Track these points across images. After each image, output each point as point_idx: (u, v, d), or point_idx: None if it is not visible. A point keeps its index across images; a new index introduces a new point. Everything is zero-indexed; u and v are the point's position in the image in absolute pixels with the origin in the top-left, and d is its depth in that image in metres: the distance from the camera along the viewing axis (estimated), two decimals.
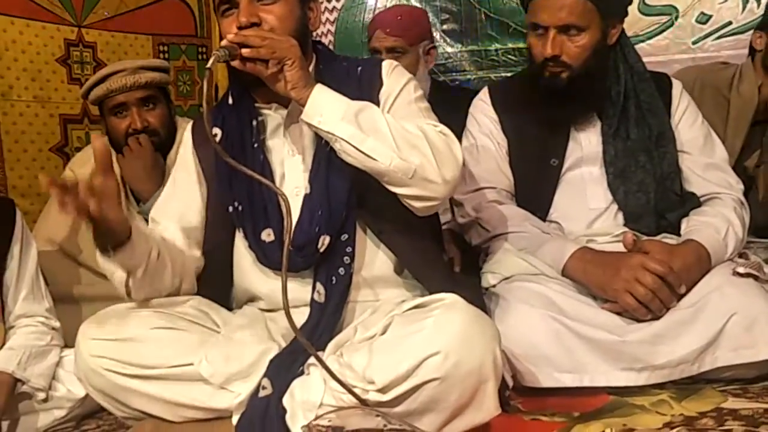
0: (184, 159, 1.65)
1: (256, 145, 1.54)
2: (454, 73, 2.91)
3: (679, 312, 1.64)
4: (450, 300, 1.35)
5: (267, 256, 1.51)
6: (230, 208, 1.54)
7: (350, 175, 1.47)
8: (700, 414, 1.50)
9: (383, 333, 1.36)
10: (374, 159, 1.40)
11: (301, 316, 1.48)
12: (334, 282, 1.48)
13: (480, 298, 1.67)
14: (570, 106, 1.88)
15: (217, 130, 1.56)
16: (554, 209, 1.91)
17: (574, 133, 1.92)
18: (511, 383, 1.60)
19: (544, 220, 1.90)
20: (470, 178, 1.94)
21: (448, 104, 2.05)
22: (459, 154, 1.47)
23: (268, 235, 1.50)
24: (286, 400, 1.33)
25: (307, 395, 1.31)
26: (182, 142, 1.68)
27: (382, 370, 1.28)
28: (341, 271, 1.49)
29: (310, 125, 1.43)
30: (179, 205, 1.61)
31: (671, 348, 1.61)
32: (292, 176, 1.55)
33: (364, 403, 1.27)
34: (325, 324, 1.46)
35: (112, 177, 1.27)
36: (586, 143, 1.91)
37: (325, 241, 1.47)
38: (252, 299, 1.59)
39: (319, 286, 1.49)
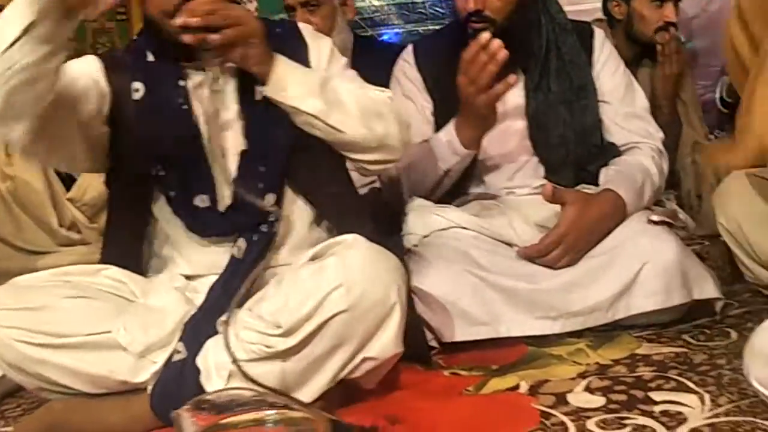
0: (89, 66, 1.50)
1: (185, 107, 1.46)
2: (381, 27, 2.89)
3: (593, 260, 1.66)
4: (351, 238, 1.37)
5: (202, 223, 1.47)
6: (153, 172, 1.46)
7: (291, 131, 1.46)
8: (614, 361, 1.53)
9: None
10: (340, 131, 1.44)
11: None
12: (255, 239, 1.45)
13: (403, 258, 1.68)
14: None
15: (138, 85, 1.47)
16: (477, 163, 1.91)
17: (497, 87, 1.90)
18: (433, 341, 1.63)
19: (467, 174, 1.90)
20: None
21: (372, 61, 2.02)
22: (405, 114, 1.55)
23: (202, 201, 1.46)
24: (199, 361, 1.32)
25: (220, 354, 1.31)
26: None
27: (287, 313, 1.30)
28: (264, 228, 1.46)
29: (272, 99, 1.43)
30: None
31: (585, 295, 1.64)
32: (221, 136, 1.48)
33: (276, 355, 1.28)
34: (240, 279, 1.42)
35: None
36: (510, 97, 1.89)
37: (270, 198, 1.46)
38: (172, 265, 1.56)
39: (240, 241, 1.46)
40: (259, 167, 1.46)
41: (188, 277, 1.51)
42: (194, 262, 1.51)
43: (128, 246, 1.55)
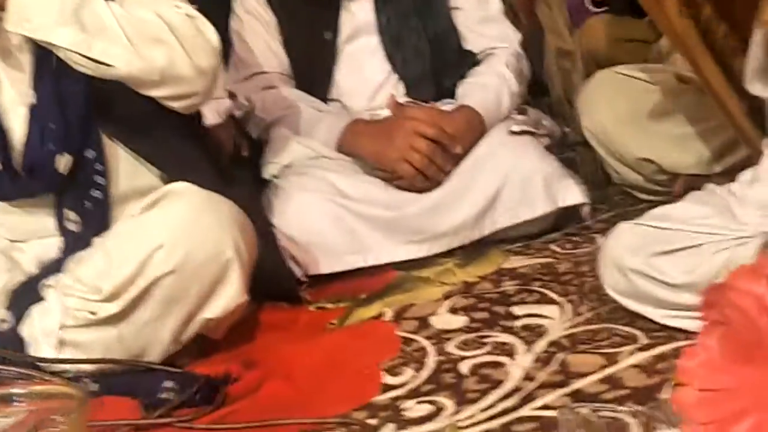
0: None
1: None
2: None
3: (454, 179, 1.60)
4: (180, 187, 1.24)
5: None
6: None
7: (86, 78, 1.25)
8: (480, 278, 1.49)
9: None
10: (108, 65, 1.19)
11: (50, 247, 1.32)
12: (89, 207, 1.31)
13: (255, 193, 1.60)
14: None
15: None
16: (334, 87, 1.80)
17: (345, 2, 1.79)
18: (301, 275, 1.55)
19: (325, 99, 1.79)
20: (241, 64, 1.80)
21: None
22: (213, 36, 1.29)
23: None
24: (24, 330, 1.21)
25: (45, 321, 1.20)
26: None
27: (108, 275, 1.18)
28: (95, 193, 1.31)
29: (22, 35, 1.21)
30: None
31: (450, 216, 1.58)
32: (9, 84, 1.29)
33: (104, 321, 1.18)
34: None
35: None
36: (360, 12, 1.79)
37: (63, 161, 1.27)
38: None
39: (70, 213, 1.31)
40: (50, 124, 1.27)
41: (13, 242, 1.38)
42: (12, 228, 1.35)
43: None
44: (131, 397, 1.18)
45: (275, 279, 1.46)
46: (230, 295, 1.23)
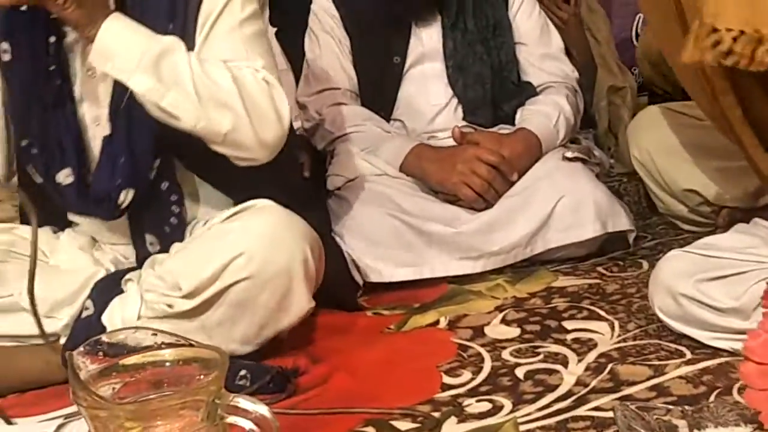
0: None
1: (53, 67, 1.33)
2: None
3: (510, 199, 1.69)
4: (261, 204, 1.33)
5: (66, 201, 1.37)
6: (22, 143, 1.37)
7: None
8: (531, 294, 1.58)
9: None
10: (175, 117, 1.24)
11: (127, 252, 1.43)
12: (168, 232, 1.40)
13: (323, 209, 1.70)
14: (411, 1, 1.87)
15: (6, 46, 1.33)
16: (397, 107, 1.91)
17: (415, 29, 1.91)
18: (361, 282, 1.65)
19: (388, 119, 1.90)
20: (314, 80, 1.92)
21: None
22: (283, 108, 1.31)
23: (66, 176, 1.34)
24: (105, 318, 1.32)
25: (125, 311, 1.31)
26: None
27: (189, 275, 1.27)
28: (173, 220, 1.40)
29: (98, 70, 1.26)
30: None
31: (505, 234, 1.67)
32: (91, 102, 1.36)
33: (179, 315, 1.27)
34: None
35: None
36: (428, 39, 1.91)
37: (128, 195, 1.33)
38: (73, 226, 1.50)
39: (148, 237, 1.40)
40: (120, 158, 1.31)
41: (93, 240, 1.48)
42: (87, 231, 1.45)
43: (41, 201, 1.50)
44: None
45: (337, 286, 1.55)
46: (296, 308, 1.32)
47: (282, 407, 1.19)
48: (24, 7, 1.27)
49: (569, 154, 1.73)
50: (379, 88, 1.91)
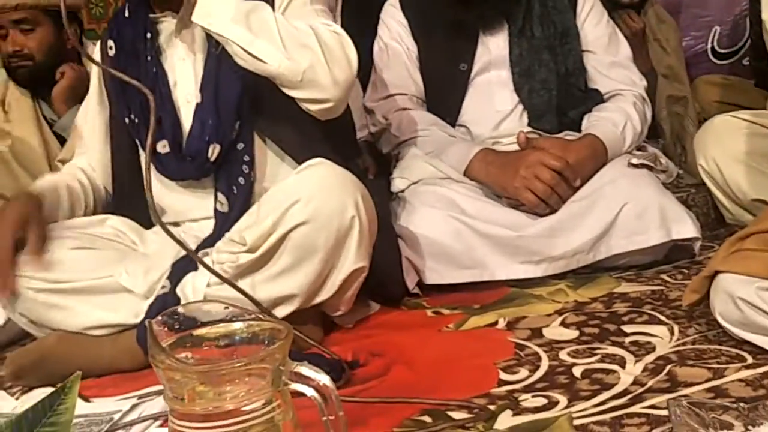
0: (92, 81, 1.69)
1: (149, 57, 1.55)
2: None
3: (574, 204, 1.70)
4: (316, 161, 1.43)
5: (165, 167, 1.53)
6: (126, 120, 1.57)
7: (242, 82, 1.49)
8: (592, 299, 1.58)
9: None
10: (263, 61, 1.41)
11: (206, 227, 1.54)
12: (235, 191, 1.53)
13: (385, 200, 1.73)
14: (478, 10, 1.90)
15: (111, 43, 1.59)
16: (463, 113, 1.94)
17: (482, 37, 1.94)
18: (413, 283, 1.68)
19: (453, 125, 1.93)
20: (381, 85, 1.97)
21: (360, 7, 2.05)
22: (352, 54, 1.48)
23: (163, 147, 1.52)
24: (179, 290, 1.41)
25: (197, 281, 1.40)
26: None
27: (252, 229, 1.38)
28: (241, 180, 1.53)
29: (202, 27, 1.45)
30: (89, 134, 1.67)
31: (567, 239, 1.68)
32: (184, 83, 1.56)
33: (244, 270, 1.36)
34: (228, 230, 1.49)
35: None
36: (494, 47, 1.93)
37: (215, 150, 1.50)
38: (162, 213, 1.61)
39: (220, 196, 1.53)
40: (208, 120, 1.51)
41: (174, 224, 1.57)
42: (176, 207, 1.58)
43: (130, 196, 1.60)
44: None
45: (386, 279, 1.60)
46: (352, 252, 1.41)
47: (342, 395, 1.22)
48: (127, 13, 1.58)
49: (635, 161, 1.73)
50: (445, 95, 1.95)
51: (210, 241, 1.50)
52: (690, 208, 1.94)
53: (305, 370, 0.76)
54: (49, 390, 0.92)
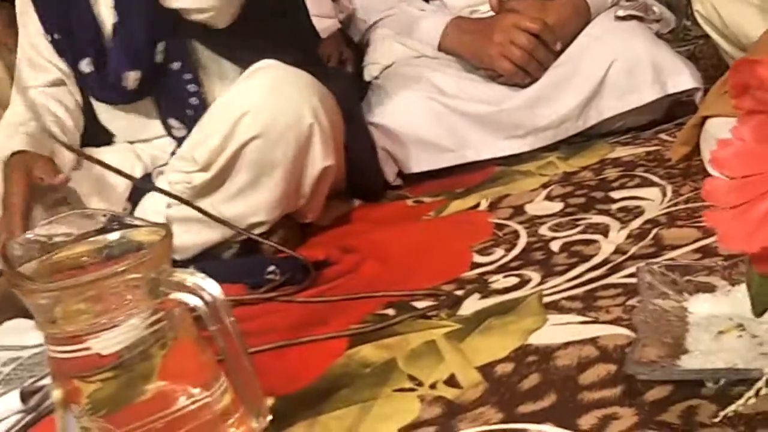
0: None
1: None
2: None
3: (557, 69, 1.56)
4: (263, 63, 1.29)
5: (91, 90, 1.41)
6: (50, 38, 1.42)
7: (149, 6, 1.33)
8: (582, 168, 1.46)
9: None
10: None
11: (164, 146, 1.43)
12: (190, 113, 1.39)
13: (354, 91, 1.61)
14: None
15: None
16: None
17: None
18: (393, 174, 1.57)
19: None
20: None
21: None
22: None
23: (86, 65, 1.38)
24: (138, 212, 1.33)
25: (155, 202, 1.31)
26: None
27: (200, 146, 1.27)
28: (193, 100, 1.39)
29: None
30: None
31: (552, 108, 1.55)
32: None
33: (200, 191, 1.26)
34: None
35: None
36: None
37: (135, 77, 1.36)
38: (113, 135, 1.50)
39: (172, 121, 1.41)
40: (125, 42, 1.36)
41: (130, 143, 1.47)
42: (124, 131, 1.45)
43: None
44: (236, 282, 1.24)
45: (365, 176, 1.50)
46: (315, 163, 1.29)
47: (307, 296, 1.15)
48: None
49: (621, 13, 1.57)
50: None
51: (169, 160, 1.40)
52: (697, 61, 1.78)
53: (187, 277, 0.66)
54: None
